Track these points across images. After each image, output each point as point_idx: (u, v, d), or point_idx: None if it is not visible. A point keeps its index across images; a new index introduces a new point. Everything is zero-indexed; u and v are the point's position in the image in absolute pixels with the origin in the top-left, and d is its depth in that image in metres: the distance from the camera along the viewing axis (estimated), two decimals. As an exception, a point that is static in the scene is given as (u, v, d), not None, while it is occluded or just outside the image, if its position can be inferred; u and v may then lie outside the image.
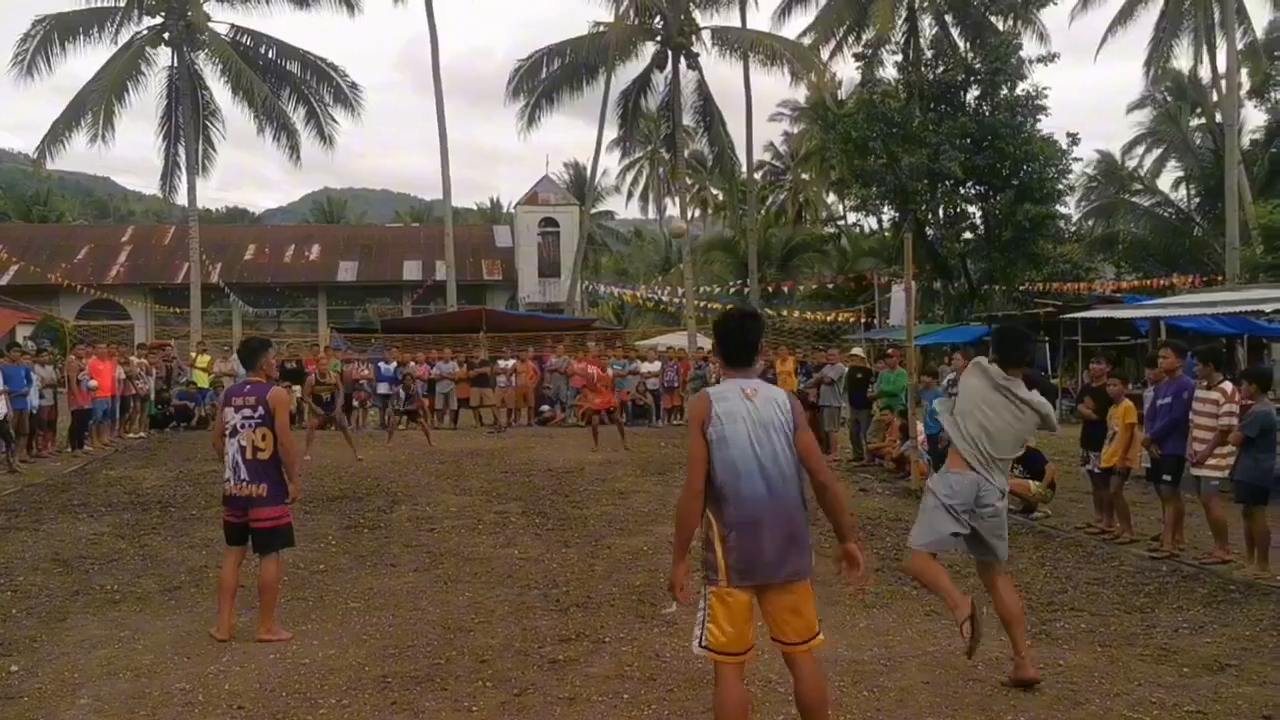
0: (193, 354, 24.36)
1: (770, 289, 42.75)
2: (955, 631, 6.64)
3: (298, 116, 33.98)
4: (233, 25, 33.49)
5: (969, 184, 33.47)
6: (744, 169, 40.69)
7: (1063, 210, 35.43)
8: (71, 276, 40.41)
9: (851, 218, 52.48)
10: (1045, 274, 34.03)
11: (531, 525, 10.67)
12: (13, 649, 6.27)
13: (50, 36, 31.14)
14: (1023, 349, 6.08)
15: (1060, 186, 33.06)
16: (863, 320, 37.64)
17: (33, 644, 6.39)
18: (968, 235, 35.23)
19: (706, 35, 36.53)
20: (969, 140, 31.93)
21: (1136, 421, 9.77)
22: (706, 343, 32.79)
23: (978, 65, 32.98)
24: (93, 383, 17.06)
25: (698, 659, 5.99)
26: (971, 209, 34.99)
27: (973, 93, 33.77)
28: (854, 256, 47.77)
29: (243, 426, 6.59)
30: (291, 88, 34.19)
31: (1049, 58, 33.15)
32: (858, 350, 20.12)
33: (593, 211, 50.35)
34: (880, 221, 43.22)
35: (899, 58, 36.56)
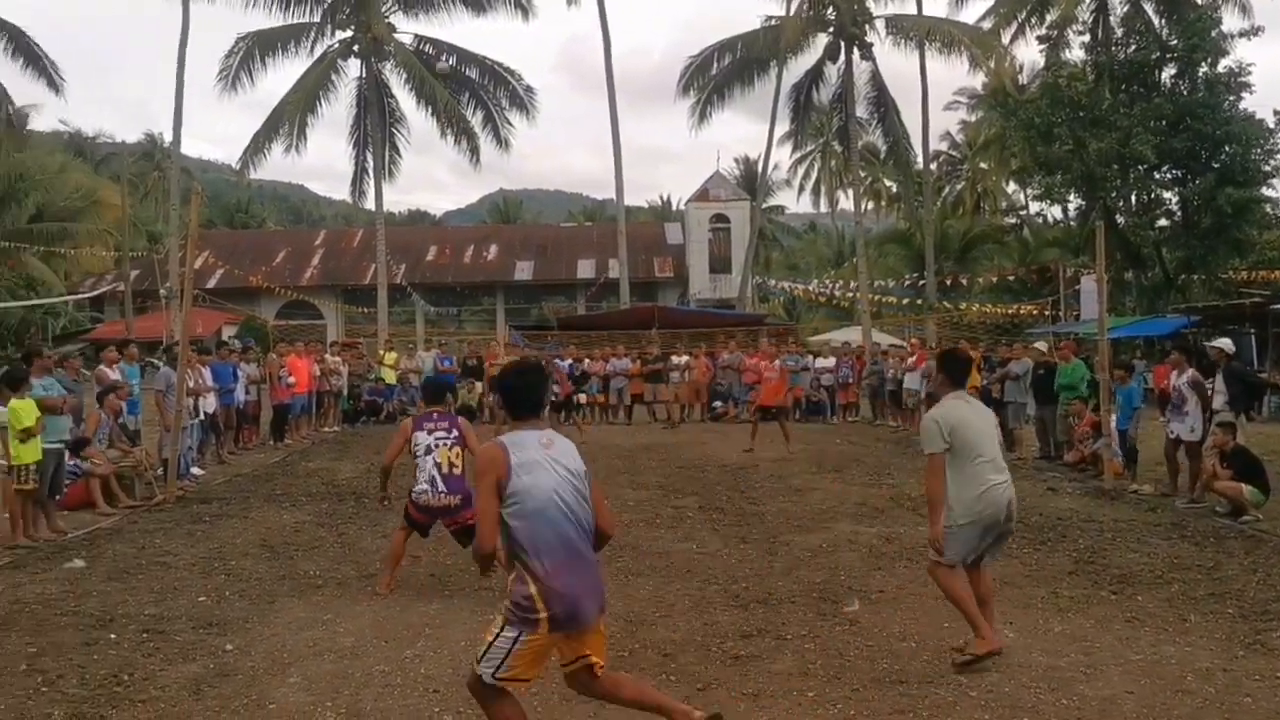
0: (380, 351, 25.39)
1: (948, 282, 41.60)
2: (1162, 639, 6.35)
3: (476, 120, 35.08)
4: (416, 35, 34.86)
5: (1163, 168, 31.73)
6: (919, 159, 39.73)
7: (1270, 193, 33.21)
8: (270, 279, 42.73)
9: (1034, 207, 50.57)
10: (1251, 261, 31.98)
11: (709, 520, 10.69)
12: (228, 629, 6.67)
13: (251, 52, 33.04)
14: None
15: (1267, 168, 30.98)
16: (1047, 313, 36.22)
17: (245, 625, 6.78)
18: (1162, 222, 33.41)
19: (880, 24, 35.78)
20: (1163, 122, 30.26)
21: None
22: (883, 339, 32.20)
23: (1174, 42, 31.23)
24: (291, 379, 17.99)
25: (876, 660, 5.91)
26: (1167, 194, 33.15)
27: (1168, 72, 32.02)
28: (1036, 247, 46.00)
29: (438, 445, 7.59)
30: (470, 93, 35.33)
31: (1252, 31, 31.11)
32: (1041, 345, 19.38)
33: (764, 206, 50.05)
34: (1065, 210, 41.54)
35: (1086, 38, 35.00)
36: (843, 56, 35.63)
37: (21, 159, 44.70)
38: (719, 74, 37.25)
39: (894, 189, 57.28)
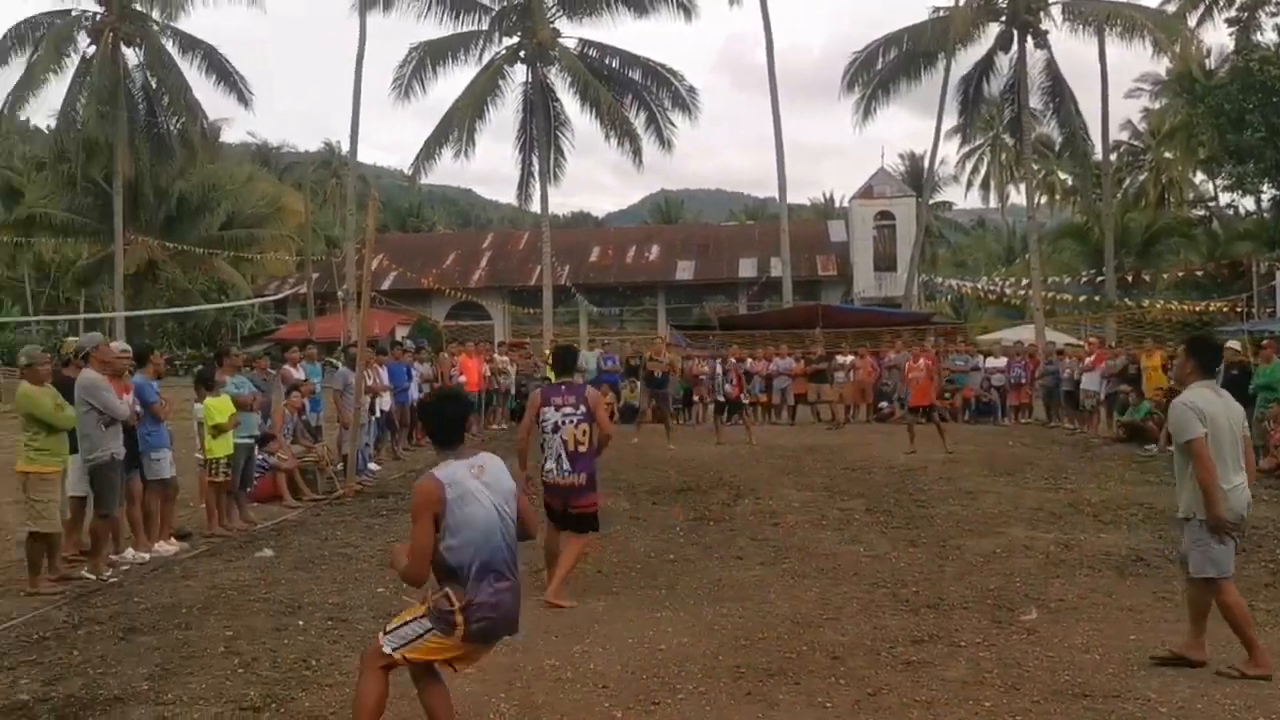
0: (546, 351, 25.87)
1: (1129, 278, 39.72)
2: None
3: (639, 122, 35.39)
4: (580, 39, 35.42)
5: (1366, 155, 29.61)
6: (1098, 150, 38.09)
7: None
8: (441, 281, 44.11)
9: (1224, 198, 47.84)
10: None
11: (876, 523, 10.50)
12: (405, 620, 6.89)
13: (423, 62, 34.21)
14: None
15: None
16: (1239, 311, 34.21)
17: (420, 616, 6.99)
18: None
19: (1056, 10, 34.45)
20: (1366, 106, 28.24)
21: None
22: (1058, 337, 31.04)
23: (1378, 21, 29.11)
24: (461, 377, 18.51)
25: (1056, 673, 5.68)
26: (1373, 182, 30.94)
27: (1374, 52, 29.85)
28: (1227, 241, 43.49)
29: (565, 422, 7.31)
30: (633, 94, 35.68)
31: None
32: (1234, 344, 18.28)
33: (930, 202, 48.88)
34: (1258, 201, 39.20)
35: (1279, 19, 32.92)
36: (1015, 46, 34.48)
37: (214, 170, 47.56)
38: (884, 69, 36.55)
39: (1069, 182, 55.17)
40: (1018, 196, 57.79)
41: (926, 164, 43.10)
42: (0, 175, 54.06)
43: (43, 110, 76.77)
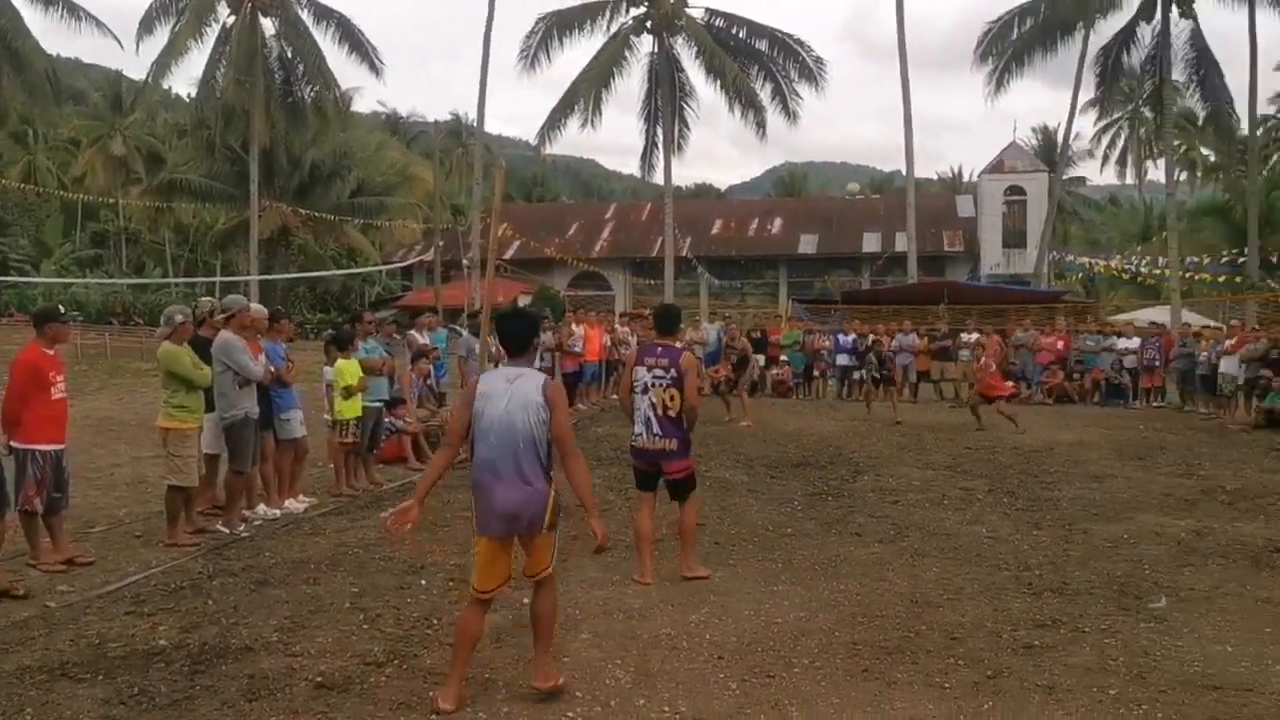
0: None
1: (1273, 259, 37.86)
2: None
3: (764, 93, 35.08)
4: (706, 9, 35.20)
5: None
6: (1244, 125, 36.34)
7: None
8: (563, 251, 44.52)
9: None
10: None
11: (999, 504, 10.30)
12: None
13: (550, 32, 34.48)
14: None
15: None
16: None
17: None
18: None
19: (1204, -22, 32.98)
20: None
21: None
22: (1194, 319, 29.84)
23: None
24: (579, 347, 18.72)
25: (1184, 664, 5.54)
26: None
27: None
28: (1380, 221, 41.12)
29: (654, 384, 7.17)
30: (760, 65, 35.37)
31: None
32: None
33: (1063, 178, 47.31)
34: None
35: None
36: (1159, 15, 33.09)
37: (345, 139, 48.89)
38: (1019, 39, 35.49)
39: (1212, 158, 52.77)
40: (1155, 173, 55.50)
41: (1060, 138, 41.82)
42: (144, 142, 56.56)
43: (184, 79, 79.78)
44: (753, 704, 4.96)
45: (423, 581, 7.09)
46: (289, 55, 39.31)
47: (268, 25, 38.48)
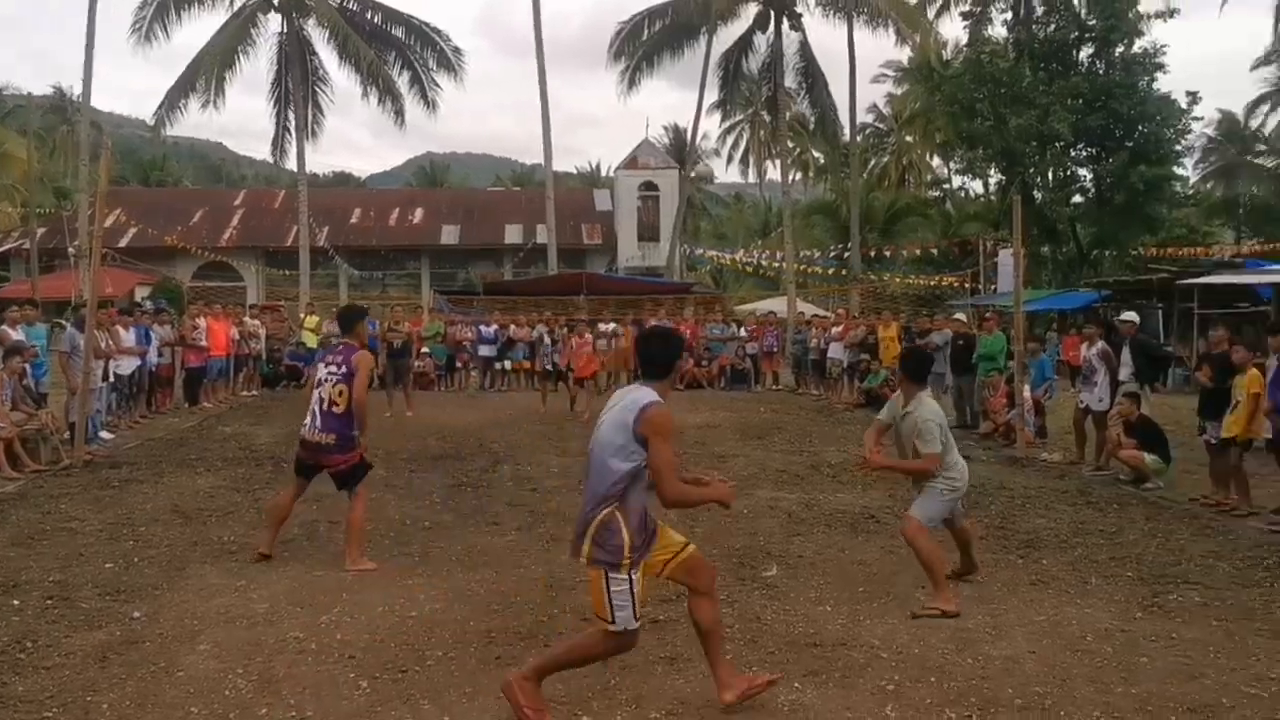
0: (301, 315, 24.98)
1: (872, 254, 42.07)
2: (1063, 601, 6.55)
3: (402, 81, 34.50)
4: (339, -10, 34.06)
5: (1079, 146, 32.46)
6: (846, 131, 40.06)
7: (1180, 172, 34.12)
8: (187, 239, 41.65)
9: (956, 181, 51.37)
10: (1160, 238, 32.86)
11: (632, 487, 10.69)
12: (136, 596, 6.52)
13: (165, 4, 32.04)
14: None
15: (1178, 148, 31.84)
16: (967, 286, 36.85)
17: (154, 591, 6.64)
18: (1077, 199, 34.18)
19: (810, -6, 35.91)
20: (1080, 100, 30.93)
21: (1262, 390, 9.38)
22: (808, 308, 32.48)
23: (1092, 22, 31.86)
24: (204, 341, 17.60)
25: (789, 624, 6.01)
26: (1082, 171, 33.96)
27: (1085, 51, 32.68)
28: (959, 221, 46.68)
29: (326, 380, 7.32)
30: (397, 52, 34.72)
31: (1168, 13, 31.85)
32: (960, 316, 19.72)
33: (692, 175, 50.05)
34: (986, 185, 42.28)
35: (1008, 16, 35.52)
36: (772, 26, 35.70)
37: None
38: (649, 40, 37.09)
39: (821, 160, 57.67)
40: (774, 172, 59.98)
41: (689, 137, 44.11)
42: None
43: None
44: (383, 701, 4.85)
45: (15, 602, 6.36)
46: None
47: None
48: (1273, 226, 38.33)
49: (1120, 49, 31.49)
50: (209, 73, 31.98)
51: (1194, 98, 31.53)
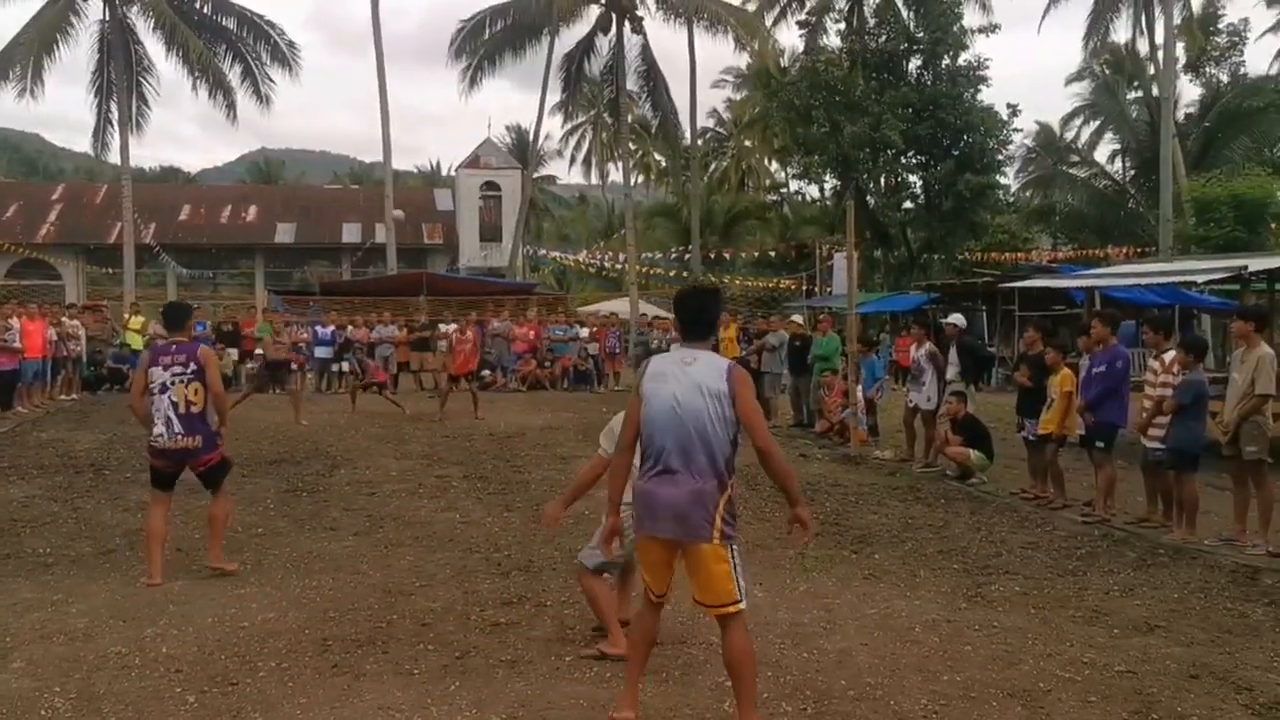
0: (126, 315, 23.85)
1: (712, 256, 42.76)
2: (894, 594, 6.80)
3: (234, 74, 33.26)
4: (167, -22, 32.60)
5: (910, 153, 33.79)
6: (687, 135, 40.56)
7: (1002, 181, 35.91)
8: (-1, 234, 39.27)
9: (794, 186, 52.68)
10: (984, 244, 34.47)
11: (473, 489, 10.64)
12: (-60, 614, 6.13)
13: (-26, -14, 30.10)
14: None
15: (1000, 157, 33.52)
16: (804, 288, 37.89)
17: (-39, 609, 6.25)
18: (908, 205, 35.56)
19: (650, -1, 36.27)
20: (910, 110, 32.19)
21: (1074, 389, 9.95)
22: (650, 309, 32.80)
23: (920, 34, 33.20)
24: (17, 343, 16.60)
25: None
26: (912, 178, 35.36)
27: (914, 62, 34.03)
28: (796, 224, 47.96)
29: (173, 382, 6.91)
30: (228, 44, 33.42)
31: (991, 28, 33.49)
32: (797, 318, 20.26)
33: (535, 176, 49.92)
34: (822, 190, 43.53)
35: (842, 26, 36.68)
36: (614, 28, 35.90)
37: None
38: (490, 39, 36.79)
39: (663, 163, 58.33)
40: (617, 174, 60.33)
41: (531, 138, 43.96)
42: None
43: None
44: (211, 715, 4.69)
45: None
46: None
47: None
48: (1085, 234, 40.69)
49: (946, 61, 32.92)
50: (25, 60, 30.17)
51: (1014, 110, 33.29)
